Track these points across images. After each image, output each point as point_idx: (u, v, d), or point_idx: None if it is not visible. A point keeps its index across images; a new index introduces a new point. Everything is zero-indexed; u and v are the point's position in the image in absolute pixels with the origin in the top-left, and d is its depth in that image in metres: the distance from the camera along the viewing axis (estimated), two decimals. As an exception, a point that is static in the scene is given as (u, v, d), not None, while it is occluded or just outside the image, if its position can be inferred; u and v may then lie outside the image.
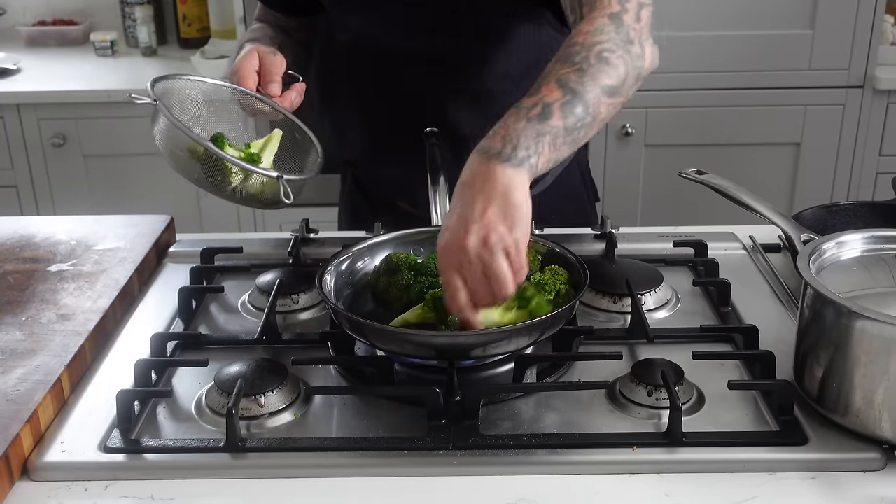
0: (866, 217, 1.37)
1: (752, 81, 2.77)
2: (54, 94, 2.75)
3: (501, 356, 1.04)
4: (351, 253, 1.17)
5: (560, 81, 1.03)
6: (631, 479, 0.92)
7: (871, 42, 2.72)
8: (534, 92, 1.03)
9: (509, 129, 0.99)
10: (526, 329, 1.01)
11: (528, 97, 1.03)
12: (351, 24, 1.42)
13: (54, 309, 1.17)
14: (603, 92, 1.05)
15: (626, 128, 2.81)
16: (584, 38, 1.08)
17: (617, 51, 1.07)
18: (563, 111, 1.01)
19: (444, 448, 0.94)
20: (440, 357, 1.02)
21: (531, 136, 0.99)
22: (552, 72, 1.05)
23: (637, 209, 2.92)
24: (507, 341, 1.00)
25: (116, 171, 2.84)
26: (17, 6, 3.31)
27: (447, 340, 1.02)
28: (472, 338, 0.99)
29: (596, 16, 1.10)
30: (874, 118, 2.81)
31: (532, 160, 0.99)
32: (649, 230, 1.42)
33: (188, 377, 1.08)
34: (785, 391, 0.98)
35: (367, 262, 1.18)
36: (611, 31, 1.09)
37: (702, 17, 2.72)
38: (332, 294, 1.10)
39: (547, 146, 1.00)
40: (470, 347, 1.00)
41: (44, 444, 0.96)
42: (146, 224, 1.42)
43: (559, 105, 1.01)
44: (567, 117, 1.01)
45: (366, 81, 1.45)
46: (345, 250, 1.17)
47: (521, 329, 1.00)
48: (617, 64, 1.07)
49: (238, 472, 0.93)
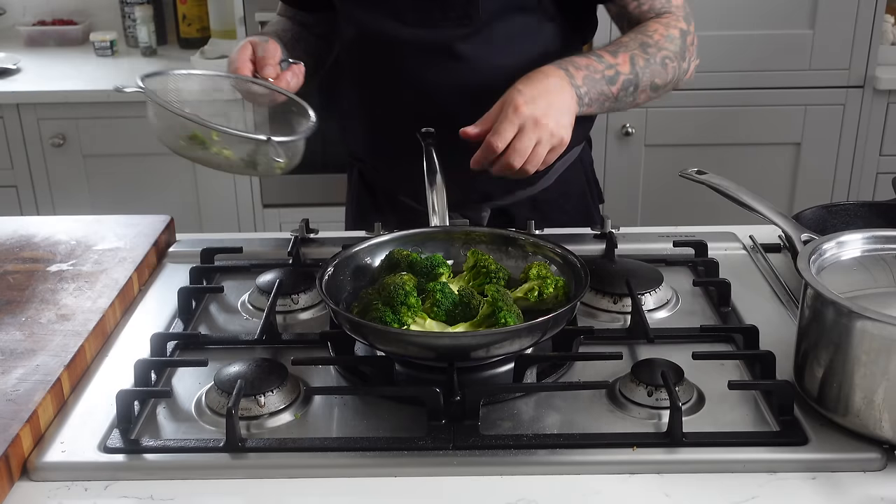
0: (866, 217, 1.37)
1: (752, 81, 2.77)
2: (54, 94, 2.75)
3: (503, 357, 1.04)
4: (350, 253, 1.17)
5: (632, 60, 1.29)
6: (631, 479, 0.92)
7: (871, 42, 2.72)
8: (612, 54, 1.29)
9: (586, 77, 1.24)
10: (527, 330, 1.01)
11: (608, 55, 1.28)
12: (357, 17, 1.43)
13: (54, 309, 1.17)
14: (651, 86, 1.32)
15: (626, 128, 2.81)
16: (659, 39, 1.33)
17: (675, 61, 1.34)
18: (622, 84, 1.28)
19: (444, 448, 0.94)
20: (441, 359, 1.02)
21: (596, 89, 1.25)
22: (629, 47, 1.30)
23: (637, 209, 2.92)
24: (509, 342, 1.00)
25: (116, 171, 2.84)
26: (17, 6, 3.31)
27: (449, 342, 1.02)
28: (474, 339, 1.00)
29: (671, 23, 1.35)
30: (874, 118, 2.81)
31: (584, 106, 1.24)
32: (649, 230, 1.42)
33: (188, 377, 1.08)
34: (785, 391, 0.98)
35: (367, 262, 1.18)
36: (677, 44, 1.34)
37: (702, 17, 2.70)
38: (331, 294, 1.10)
39: (596, 103, 1.26)
40: (471, 349, 1.00)
41: (43, 444, 0.96)
42: (146, 224, 1.42)
43: (623, 78, 1.28)
44: (622, 90, 1.28)
45: (370, 73, 1.47)
46: (345, 250, 1.17)
47: (523, 330, 1.01)
48: (670, 70, 1.33)
49: (238, 472, 0.93)
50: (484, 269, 1.15)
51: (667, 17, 1.36)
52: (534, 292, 1.10)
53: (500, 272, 1.14)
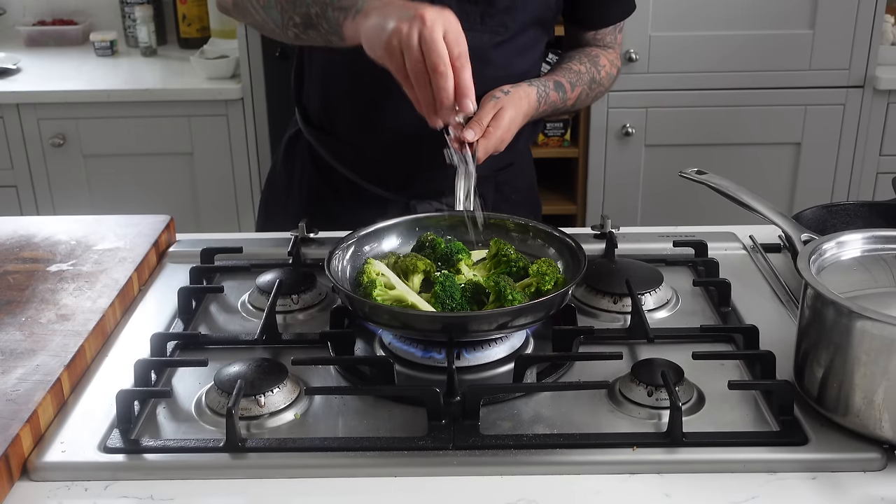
0: (866, 217, 1.37)
1: (752, 81, 2.77)
2: (54, 94, 2.75)
3: (505, 334, 1.08)
4: (356, 238, 1.20)
5: (579, 96, 1.51)
6: (631, 479, 0.92)
7: (871, 42, 2.73)
8: (571, 86, 1.48)
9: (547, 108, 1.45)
10: (531, 308, 1.04)
11: (568, 86, 1.47)
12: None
13: (54, 309, 1.17)
14: (578, 106, 1.56)
15: (626, 128, 2.81)
16: (604, 77, 1.55)
17: (604, 93, 1.60)
18: (560, 110, 1.50)
19: (444, 448, 0.94)
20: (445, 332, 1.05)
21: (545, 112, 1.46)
22: (582, 80, 1.51)
23: (637, 209, 2.92)
24: (514, 319, 1.04)
25: (116, 171, 2.84)
26: (17, 6, 3.31)
27: (459, 318, 1.05)
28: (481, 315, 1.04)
29: (615, 62, 1.58)
30: (874, 118, 2.81)
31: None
32: (649, 230, 1.42)
33: (188, 377, 1.08)
34: (785, 391, 0.98)
35: (373, 247, 1.22)
36: (612, 81, 1.59)
37: (702, 17, 2.72)
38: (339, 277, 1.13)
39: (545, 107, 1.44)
40: (478, 322, 1.03)
41: (43, 444, 0.96)
42: (146, 224, 1.42)
43: (566, 108, 1.51)
44: (560, 108, 1.49)
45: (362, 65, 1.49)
46: (351, 235, 1.20)
47: (527, 308, 1.04)
48: (593, 101, 1.59)
49: (238, 472, 0.93)
50: (505, 258, 1.16)
51: (612, 53, 1.58)
52: (531, 288, 1.11)
53: (521, 261, 1.16)
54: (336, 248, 1.17)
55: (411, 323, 1.06)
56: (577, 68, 1.51)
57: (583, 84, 1.50)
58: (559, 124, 2.95)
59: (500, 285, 1.07)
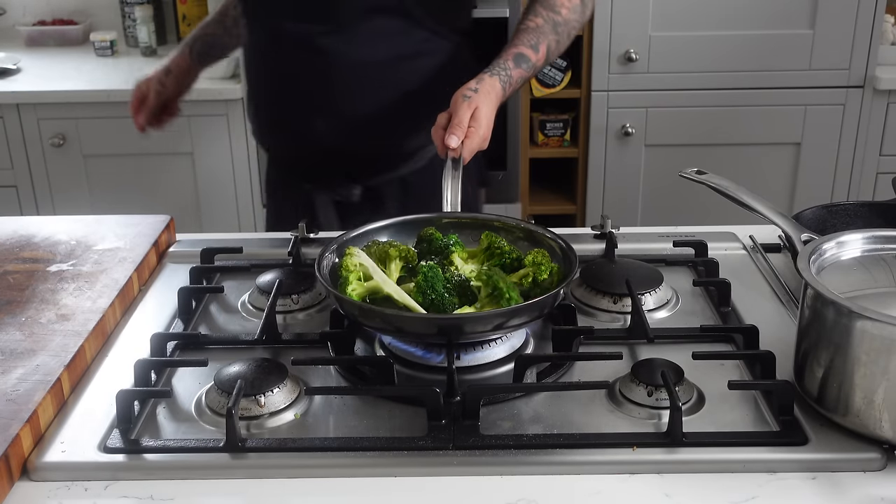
0: (866, 217, 1.37)
1: (752, 81, 2.77)
2: (54, 94, 2.75)
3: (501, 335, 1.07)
4: (348, 238, 1.19)
5: (548, 48, 1.46)
6: (631, 479, 0.92)
7: (871, 42, 2.73)
8: (534, 49, 1.43)
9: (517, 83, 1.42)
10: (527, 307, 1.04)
11: (531, 52, 1.43)
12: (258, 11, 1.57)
13: (54, 309, 1.17)
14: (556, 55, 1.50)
15: (626, 128, 2.81)
16: (566, 14, 1.48)
17: (578, 27, 1.51)
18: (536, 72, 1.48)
19: (444, 448, 0.94)
20: (441, 335, 1.04)
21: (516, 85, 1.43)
22: (545, 34, 1.45)
23: (637, 209, 2.92)
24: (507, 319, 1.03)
25: (116, 171, 2.84)
26: (17, 6, 3.31)
27: (451, 320, 1.03)
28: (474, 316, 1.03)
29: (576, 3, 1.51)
30: (874, 118, 2.81)
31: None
32: (649, 230, 1.42)
33: (188, 377, 1.08)
34: (785, 391, 0.98)
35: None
36: (579, 11, 1.50)
37: (702, 17, 2.72)
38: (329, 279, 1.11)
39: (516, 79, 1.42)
40: (471, 324, 1.03)
41: (43, 444, 0.96)
42: (146, 224, 1.42)
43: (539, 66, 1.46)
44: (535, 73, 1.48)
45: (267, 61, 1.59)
46: (342, 235, 1.19)
47: (523, 308, 1.03)
48: (573, 36, 1.51)
49: (238, 472, 0.93)
50: (498, 251, 1.16)
51: None
52: (528, 278, 1.11)
53: (514, 252, 1.16)
54: (326, 250, 1.15)
55: (404, 326, 1.05)
56: (534, 23, 1.46)
57: (546, 36, 1.45)
58: (559, 124, 2.95)
59: (497, 284, 1.07)
